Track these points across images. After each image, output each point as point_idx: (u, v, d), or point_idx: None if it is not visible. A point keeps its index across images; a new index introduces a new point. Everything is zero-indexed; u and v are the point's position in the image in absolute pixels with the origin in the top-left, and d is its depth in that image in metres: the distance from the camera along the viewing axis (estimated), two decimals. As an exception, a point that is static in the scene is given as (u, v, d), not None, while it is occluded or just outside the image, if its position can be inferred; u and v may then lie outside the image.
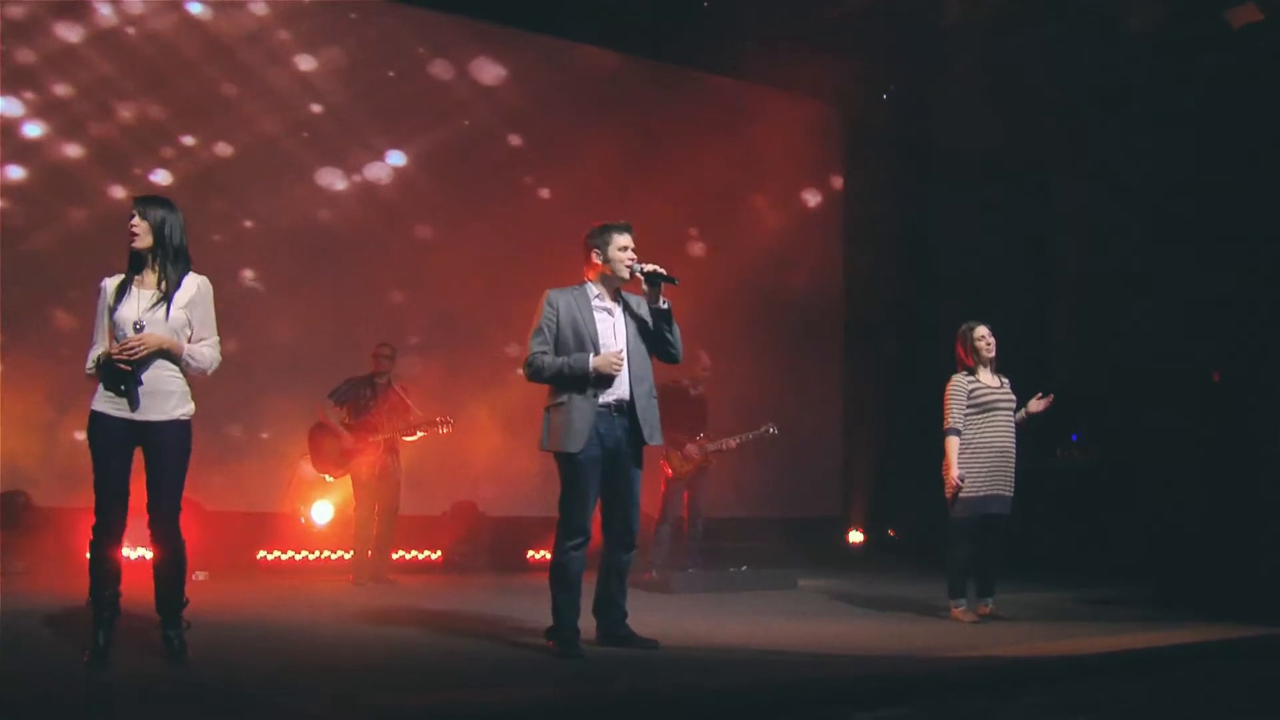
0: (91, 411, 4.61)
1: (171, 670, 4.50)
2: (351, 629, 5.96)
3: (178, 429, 4.68)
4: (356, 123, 10.35)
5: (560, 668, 4.93)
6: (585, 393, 5.22)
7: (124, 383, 4.56)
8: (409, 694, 4.29)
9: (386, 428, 8.26)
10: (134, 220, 4.72)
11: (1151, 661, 5.54)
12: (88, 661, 4.47)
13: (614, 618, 5.47)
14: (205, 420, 8.96)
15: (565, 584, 5.25)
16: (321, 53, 10.20)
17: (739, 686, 4.61)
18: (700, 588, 8.27)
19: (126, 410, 4.57)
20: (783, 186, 12.15)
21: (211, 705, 4.05)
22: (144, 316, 4.61)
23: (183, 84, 9.58)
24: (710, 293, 11.74)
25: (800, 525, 11.89)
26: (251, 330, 9.69)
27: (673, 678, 4.76)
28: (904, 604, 7.63)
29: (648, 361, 5.46)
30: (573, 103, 11.25)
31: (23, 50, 9.03)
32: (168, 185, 9.50)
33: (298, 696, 4.17)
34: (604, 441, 5.26)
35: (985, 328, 6.92)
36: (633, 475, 5.41)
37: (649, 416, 5.38)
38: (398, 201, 10.51)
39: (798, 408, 11.82)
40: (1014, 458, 6.80)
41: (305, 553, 9.25)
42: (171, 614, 4.69)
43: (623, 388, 5.31)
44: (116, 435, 4.57)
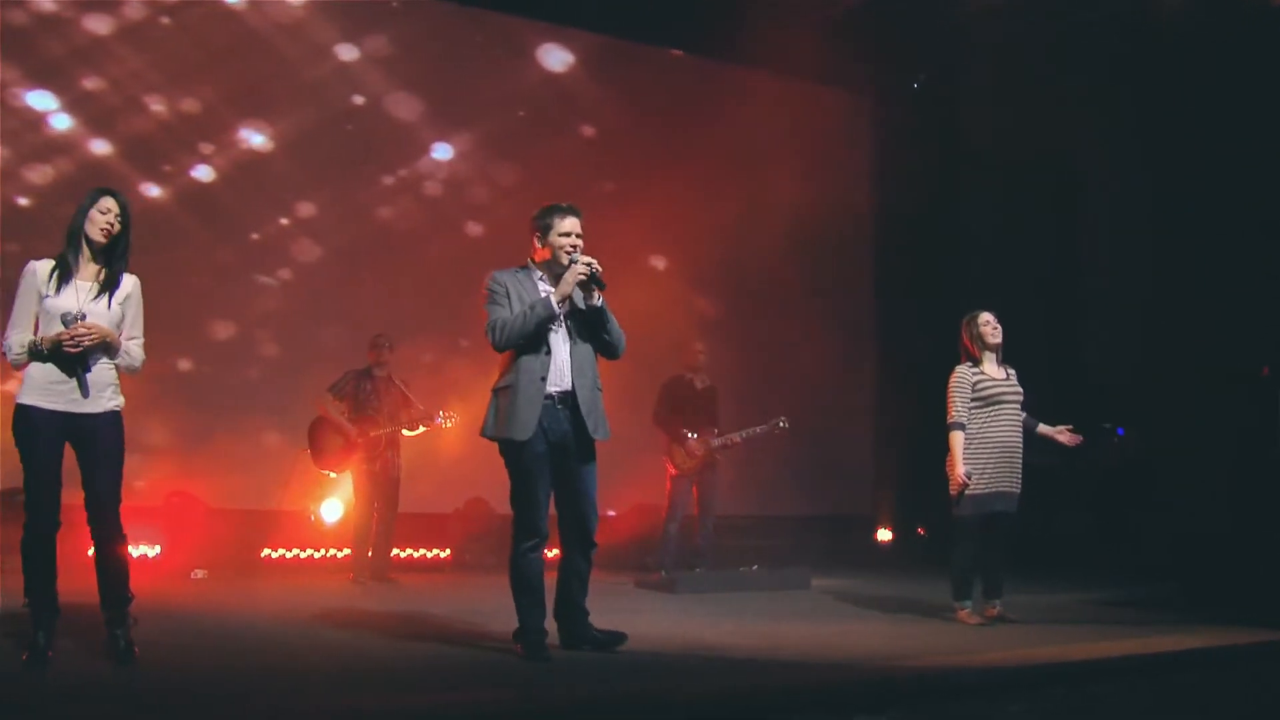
0: (20, 405, 4.43)
1: (113, 671, 4.36)
2: (324, 629, 5.79)
3: (113, 420, 4.56)
4: (400, 115, 10.30)
5: (524, 671, 4.74)
6: (533, 378, 5.02)
7: (73, 370, 4.43)
8: (355, 697, 4.11)
9: (387, 422, 8.12)
10: (112, 215, 4.60)
11: (1151, 667, 5.23)
12: (25, 661, 4.34)
13: (574, 618, 5.27)
14: (211, 417, 9.17)
15: (525, 587, 5.07)
16: (365, 43, 10.15)
17: (708, 692, 4.38)
18: (707, 588, 8.03)
19: (60, 403, 4.43)
20: (811, 179, 11.84)
21: (133, 708, 3.90)
22: (86, 307, 4.49)
23: (219, 76, 9.56)
24: (738, 287, 11.65)
25: (828, 523, 11.69)
26: (264, 326, 9.67)
27: (637, 682, 4.55)
28: (913, 605, 7.35)
29: (593, 354, 5.24)
30: (599, 95, 11.14)
31: (53, 43, 9.02)
32: (210, 181, 9.54)
33: (233, 700, 4.01)
34: (548, 435, 5.05)
35: (990, 314, 6.63)
36: (584, 471, 5.18)
37: (593, 409, 5.15)
38: (443, 198, 10.45)
39: (829, 404, 11.69)
40: (1021, 453, 6.51)
41: (310, 551, 9.14)
42: (117, 612, 4.55)
43: (565, 379, 5.10)
44: (49, 429, 4.43)
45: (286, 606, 6.56)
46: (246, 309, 9.70)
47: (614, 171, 10.95)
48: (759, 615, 6.77)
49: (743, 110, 11.51)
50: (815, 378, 11.67)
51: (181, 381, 9.30)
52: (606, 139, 11.16)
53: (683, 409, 8.65)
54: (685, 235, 11.15)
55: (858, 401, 12.47)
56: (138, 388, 8.65)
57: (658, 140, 11.16)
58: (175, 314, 9.26)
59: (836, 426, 11.92)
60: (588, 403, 5.11)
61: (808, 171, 11.57)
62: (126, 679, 4.27)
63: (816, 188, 11.66)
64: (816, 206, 11.66)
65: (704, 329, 10.68)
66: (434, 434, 8.38)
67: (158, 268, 9.06)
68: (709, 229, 11.05)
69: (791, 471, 11.22)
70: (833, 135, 12.24)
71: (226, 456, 9.07)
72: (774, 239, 11.51)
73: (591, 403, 5.13)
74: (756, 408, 9.37)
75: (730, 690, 4.40)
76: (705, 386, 8.87)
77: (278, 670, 4.63)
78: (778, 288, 11.72)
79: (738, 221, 11.30)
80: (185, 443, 9.11)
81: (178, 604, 6.44)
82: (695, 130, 11.25)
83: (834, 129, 12.33)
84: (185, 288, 9.35)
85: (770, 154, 11.51)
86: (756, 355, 11.51)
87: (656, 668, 4.89)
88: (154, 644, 4.83)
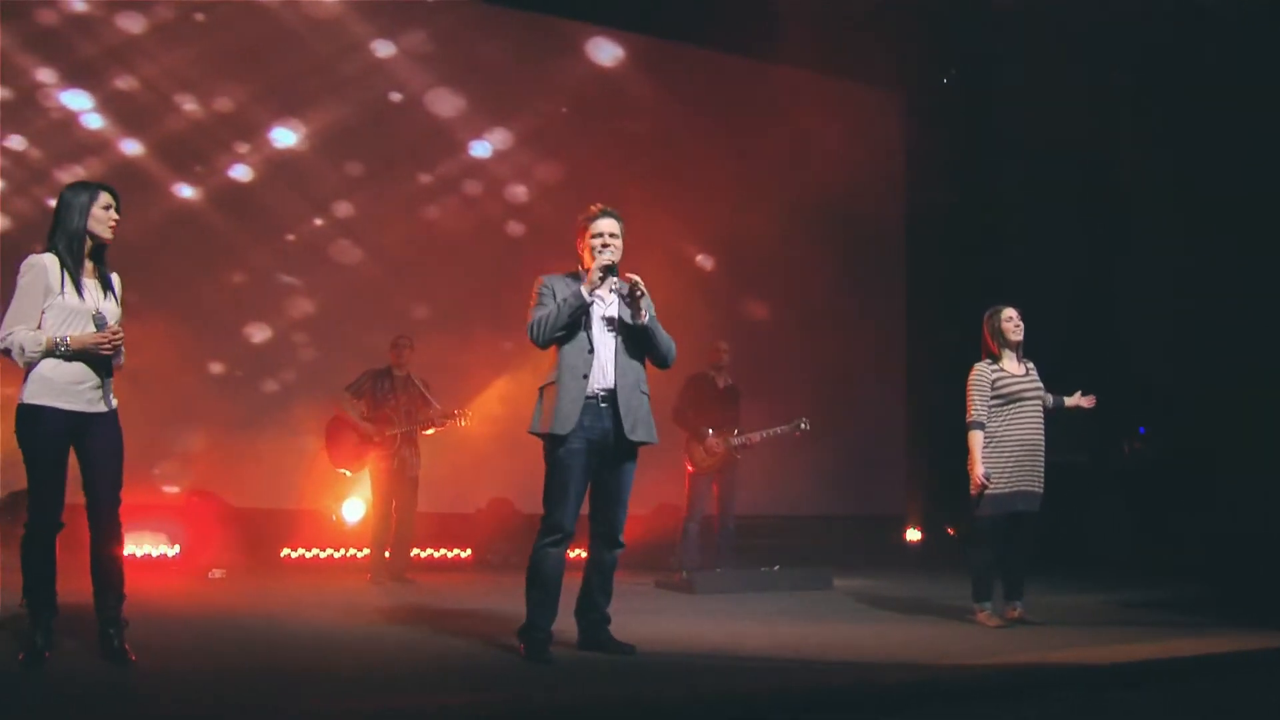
0: (28, 405, 4.36)
1: (108, 671, 4.33)
2: (330, 629, 5.75)
3: (114, 420, 4.56)
4: (438, 112, 10.30)
5: (523, 672, 4.67)
6: (576, 375, 5.03)
7: (100, 372, 4.44)
8: (343, 699, 4.06)
9: (405, 421, 8.09)
10: (113, 210, 4.58)
11: (1169, 672, 5.07)
12: (22, 661, 4.32)
13: (592, 619, 5.23)
14: (243, 420, 9.18)
15: (538, 582, 5.03)
16: (401, 40, 10.16)
17: (700, 696, 4.29)
18: (726, 588, 7.94)
19: (78, 404, 4.41)
20: (843, 175, 11.72)
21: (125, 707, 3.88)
22: (102, 308, 4.49)
23: (253, 74, 9.59)
24: (769, 283, 11.57)
25: (858, 523, 11.60)
26: (302, 329, 9.66)
27: (632, 686, 4.46)
28: (933, 606, 7.23)
29: (639, 358, 5.21)
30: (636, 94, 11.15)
31: (86, 42, 9.08)
32: (244, 181, 9.57)
33: (222, 700, 3.98)
34: (588, 433, 5.02)
35: (1013, 309, 6.50)
36: (620, 472, 5.16)
37: (633, 409, 5.10)
38: (483, 197, 10.45)
39: (860, 402, 11.62)
40: (1043, 451, 6.36)
41: (330, 550, 9.12)
42: (111, 611, 4.52)
43: (608, 377, 5.09)
44: (59, 430, 4.39)
45: (298, 606, 6.53)
46: (282, 311, 9.70)
47: (647, 169, 10.86)
48: (775, 616, 6.68)
49: (774, 107, 11.47)
50: (846, 375, 11.61)
51: (214, 384, 9.35)
52: (643, 137, 11.11)
53: (704, 407, 8.55)
54: (718, 232, 11.12)
55: (889, 399, 12.36)
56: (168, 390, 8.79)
57: (692, 138, 11.15)
58: (209, 317, 9.33)
59: (867, 425, 11.82)
60: (628, 403, 5.08)
61: (839, 168, 11.46)
62: (122, 679, 4.24)
63: (848, 184, 11.56)
64: (848, 202, 11.58)
65: (734, 325, 10.64)
66: (459, 434, 8.35)
67: (190, 270, 9.27)
68: (741, 226, 11.05)
69: (822, 471, 11.13)
70: (864, 131, 12.13)
71: (254, 458, 9.09)
72: (805, 235, 11.46)
73: (632, 404, 5.10)
74: (787, 405, 9.22)
75: (727, 693, 4.31)
76: (727, 385, 8.77)
77: (274, 671, 4.58)
78: (809, 284, 11.64)
79: (768, 218, 11.23)
80: (213, 444, 9.15)
81: (190, 604, 6.44)
82: (727, 128, 11.26)
83: (865, 124, 12.22)
84: (219, 290, 9.40)
85: (801, 150, 11.43)
86: (787, 352, 11.45)
87: (660, 669, 4.82)
88: (158, 644, 4.82)
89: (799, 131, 11.38)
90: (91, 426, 4.46)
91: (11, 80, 8.92)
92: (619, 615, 5.39)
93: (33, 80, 8.99)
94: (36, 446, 4.38)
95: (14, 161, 8.94)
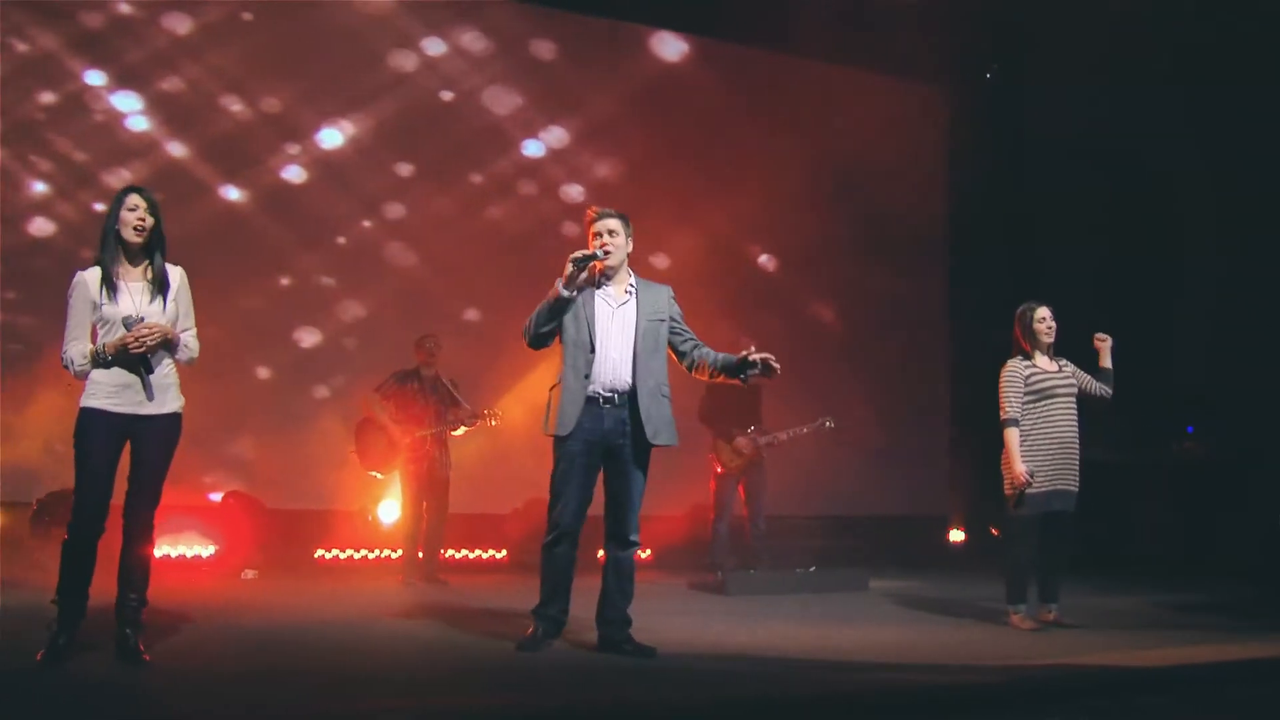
0: (84, 409, 4.46)
1: (123, 671, 4.33)
2: (351, 630, 5.72)
3: (172, 422, 4.61)
4: (491, 111, 10.30)
5: (532, 674, 4.64)
6: (578, 375, 5.08)
7: (138, 371, 4.47)
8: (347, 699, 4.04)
9: (434, 422, 8.07)
10: (141, 210, 4.59)
11: (1205, 678, 4.91)
12: (40, 660, 4.34)
13: (611, 621, 5.18)
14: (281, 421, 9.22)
15: (544, 577, 5.16)
16: (451, 38, 10.17)
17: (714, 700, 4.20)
18: (758, 589, 7.84)
19: (126, 405, 4.47)
20: (884, 172, 11.58)
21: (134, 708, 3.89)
22: (144, 310, 4.52)
23: (301, 74, 9.61)
24: (811, 280, 11.46)
25: (901, 524, 11.45)
26: (351, 333, 9.68)
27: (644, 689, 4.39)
28: (968, 608, 7.09)
29: (658, 360, 5.20)
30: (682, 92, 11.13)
31: (132, 44, 9.14)
32: (292, 182, 9.61)
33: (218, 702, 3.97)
34: (588, 435, 5.05)
35: (1047, 309, 6.37)
36: (628, 472, 5.14)
37: (654, 414, 5.10)
38: (537, 197, 10.45)
39: (903, 400, 11.49)
40: (1077, 448, 6.22)
41: (364, 551, 9.13)
42: (131, 612, 4.53)
43: (621, 378, 5.09)
44: (111, 432, 4.46)
45: (324, 608, 6.53)
46: (331, 315, 9.72)
47: (695, 167, 10.83)
48: (805, 618, 6.59)
49: (817, 104, 11.40)
50: (889, 373, 11.54)
51: (261, 389, 9.41)
52: (696, 136, 11.02)
53: (728, 406, 8.46)
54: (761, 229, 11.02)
55: (932, 398, 12.19)
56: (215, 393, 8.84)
57: (735, 136, 11.06)
58: (257, 321, 9.36)
59: (911, 424, 11.68)
60: (648, 408, 5.08)
61: (880, 163, 11.31)
62: (130, 679, 4.24)
63: (889, 180, 11.42)
64: (889, 198, 11.45)
65: (774, 322, 10.54)
66: (492, 434, 8.35)
67: (238, 273, 9.31)
68: (784, 221, 11.00)
69: (865, 470, 11.06)
70: (907, 127, 11.93)
71: (297, 461, 9.13)
72: (847, 232, 11.38)
73: (652, 408, 5.09)
74: (828, 402, 9.15)
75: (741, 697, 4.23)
76: (750, 384, 8.63)
77: (284, 672, 4.55)
78: (851, 281, 11.57)
79: (809, 214, 11.16)
80: (259, 448, 9.24)
81: (217, 604, 6.44)
82: (771, 125, 11.17)
83: (908, 121, 12.03)
84: (267, 294, 9.43)
85: (842, 146, 11.30)
86: (829, 350, 11.34)
87: (675, 672, 4.74)
88: (176, 644, 4.88)
89: (840, 128, 11.30)
90: (142, 428, 4.52)
91: (57, 84, 9.01)
92: (647, 615, 5.38)
93: (79, 84, 9.06)
94: (85, 448, 4.47)
95: (60, 166, 9.04)
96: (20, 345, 8.54)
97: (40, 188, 9.04)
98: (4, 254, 8.88)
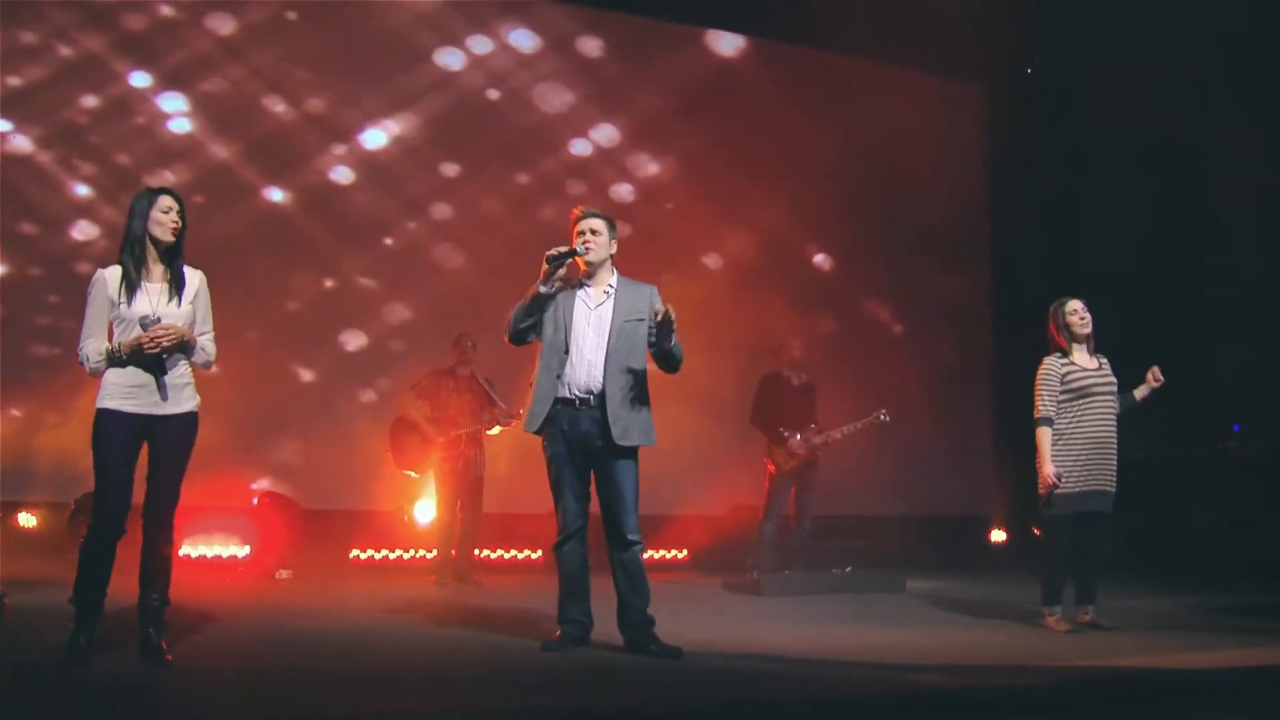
0: (101, 410, 4.48)
1: (146, 671, 4.35)
2: (379, 630, 5.72)
3: (189, 422, 4.62)
4: (539, 110, 10.32)
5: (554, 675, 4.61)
6: (550, 376, 5.13)
7: (153, 372, 4.49)
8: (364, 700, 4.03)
9: (469, 421, 8.07)
10: (174, 213, 4.61)
11: (1244, 683, 4.77)
12: (64, 660, 4.36)
13: (629, 621, 5.15)
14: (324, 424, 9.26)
15: (560, 579, 5.20)
16: (498, 37, 10.17)
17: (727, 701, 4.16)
18: (794, 590, 7.77)
19: (142, 406, 4.49)
20: (926, 170, 11.47)
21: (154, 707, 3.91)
22: (161, 311, 4.53)
23: (346, 73, 9.65)
24: (853, 279, 11.37)
25: (943, 524, 11.34)
26: (399, 336, 9.72)
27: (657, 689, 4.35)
28: (1004, 610, 6.97)
29: (633, 361, 5.16)
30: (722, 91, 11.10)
31: (175, 47, 9.21)
32: (348, 183, 9.65)
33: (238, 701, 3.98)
34: (569, 436, 5.09)
35: (1079, 302, 6.25)
36: (615, 472, 5.13)
37: (623, 415, 5.07)
38: (586, 197, 10.39)
39: (947, 401, 11.37)
40: (1115, 448, 6.09)
41: (400, 551, 9.15)
42: (153, 612, 4.55)
43: (595, 381, 5.08)
44: (128, 433, 4.48)
45: (355, 608, 6.52)
46: (376, 317, 9.73)
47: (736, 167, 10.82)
48: (836, 619, 6.52)
49: (858, 102, 11.30)
50: (931, 373, 11.44)
51: (305, 392, 9.46)
52: (736, 133, 10.98)
53: (781, 406, 8.39)
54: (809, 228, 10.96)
55: (975, 397, 12.04)
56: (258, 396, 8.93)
57: (781, 133, 11.00)
58: (302, 323, 9.41)
59: (953, 424, 11.56)
60: (616, 409, 5.05)
61: (922, 161, 11.21)
62: (150, 679, 4.25)
63: (931, 177, 11.31)
64: (932, 197, 11.34)
65: (818, 320, 10.48)
66: (528, 434, 8.27)
67: (282, 274, 9.37)
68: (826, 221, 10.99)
69: (906, 471, 10.98)
70: (948, 124, 11.82)
71: (335, 461, 9.19)
72: (889, 231, 11.31)
73: (621, 408, 5.07)
74: (871, 403, 9.02)
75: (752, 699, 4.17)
76: (802, 383, 8.59)
77: (305, 672, 4.54)
78: (894, 279, 11.48)
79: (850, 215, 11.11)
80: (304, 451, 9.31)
81: (248, 604, 6.47)
82: (816, 122, 11.10)
83: (949, 118, 11.90)
84: (311, 296, 9.47)
85: (884, 144, 11.20)
86: (871, 349, 11.26)
87: (689, 672, 4.70)
88: (202, 643, 4.90)
89: (881, 125, 11.16)
90: (158, 428, 4.53)
91: (100, 87, 9.10)
92: (678, 616, 5.39)
93: (123, 86, 9.15)
94: (102, 449, 4.48)
95: (103, 169, 9.14)
96: (61, 349, 8.65)
97: (83, 191, 9.16)
98: (47, 258, 9.03)
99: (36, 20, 8.89)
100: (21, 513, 8.86)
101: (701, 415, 9.47)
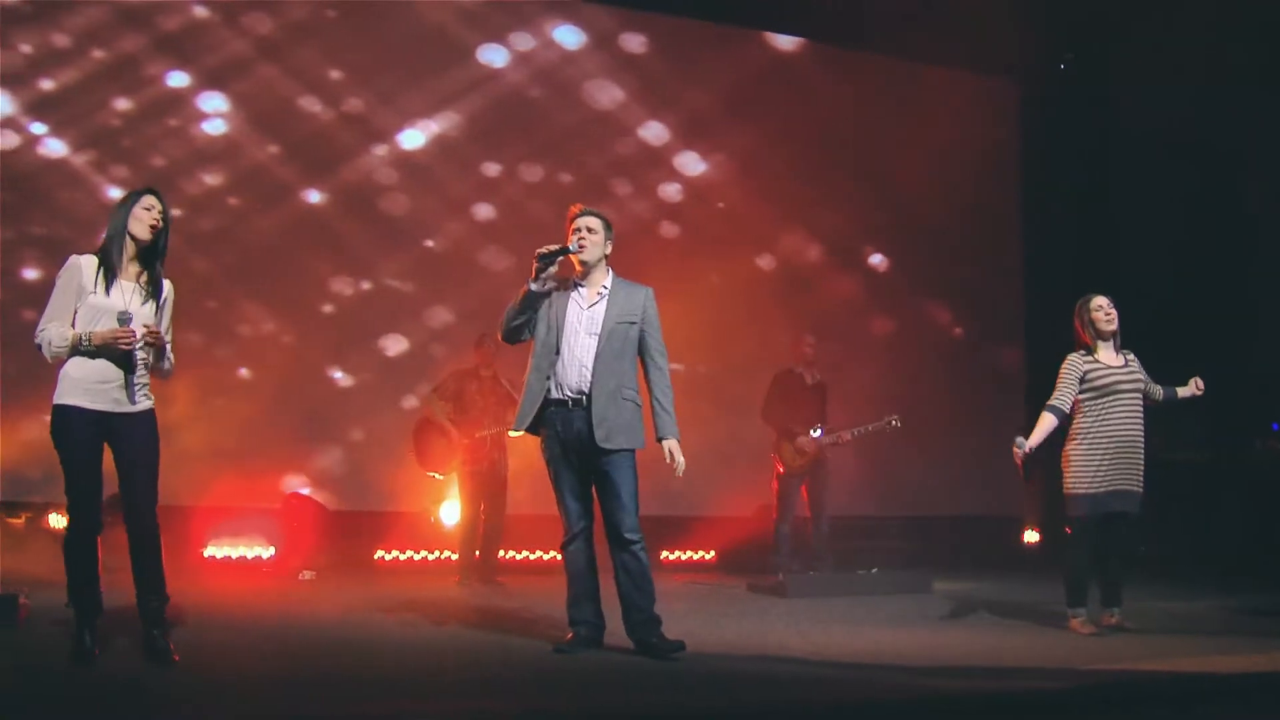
0: (59, 406, 4.42)
1: (153, 672, 4.34)
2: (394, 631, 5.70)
3: (149, 419, 4.58)
4: (585, 108, 10.24)
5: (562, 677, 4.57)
6: (540, 376, 5.14)
7: (123, 367, 4.45)
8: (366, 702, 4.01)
9: (492, 423, 8.06)
10: (155, 212, 4.59)
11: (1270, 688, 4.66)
12: (70, 661, 4.38)
13: (635, 622, 5.10)
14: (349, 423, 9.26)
15: (568, 579, 5.20)
16: (541, 34, 10.09)
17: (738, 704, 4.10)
18: (818, 591, 7.69)
19: (103, 403, 4.44)
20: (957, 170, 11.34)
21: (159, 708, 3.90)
22: (133, 309, 4.49)
23: (386, 72, 9.55)
24: (882, 277, 11.28)
25: (976, 524, 11.17)
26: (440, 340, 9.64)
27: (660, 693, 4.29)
28: (1030, 612, 6.88)
29: (623, 363, 5.14)
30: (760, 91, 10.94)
31: (212, 50, 9.14)
32: (388, 184, 9.56)
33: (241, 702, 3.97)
34: (563, 436, 5.08)
35: (1104, 298, 6.14)
36: (609, 472, 5.08)
37: (607, 417, 5.03)
38: (633, 195, 10.36)
39: (979, 400, 11.26)
40: (1142, 447, 5.98)
41: (424, 553, 9.15)
42: (154, 612, 4.54)
43: (584, 381, 5.07)
44: (90, 430, 4.42)
45: (375, 609, 6.49)
46: (418, 321, 9.64)
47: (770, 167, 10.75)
48: (859, 620, 6.43)
49: (889, 100, 11.27)
50: (964, 372, 11.37)
51: (344, 396, 9.40)
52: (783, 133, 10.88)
53: (792, 404, 8.33)
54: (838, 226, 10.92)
55: (1007, 396, 11.87)
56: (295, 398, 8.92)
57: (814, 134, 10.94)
58: (341, 327, 9.37)
59: (985, 423, 11.36)
60: (600, 411, 5.03)
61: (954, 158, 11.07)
62: (155, 680, 4.25)
63: (963, 174, 11.17)
64: (963, 193, 11.21)
65: (845, 318, 10.39)
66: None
67: (320, 277, 9.31)
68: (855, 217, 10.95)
69: (939, 470, 10.86)
70: (981, 121, 11.66)
71: (371, 465, 9.18)
72: (919, 228, 11.20)
73: (608, 412, 5.04)
74: (902, 401, 8.95)
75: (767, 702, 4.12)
76: (815, 382, 8.53)
77: (317, 673, 4.55)
78: (924, 277, 11.37)
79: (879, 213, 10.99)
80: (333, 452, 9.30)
81: (268, 605, 6.48)
82: (844, 121, 11.07)
83: (982, 114, 11.75)
84: (349, 299, 9.41)
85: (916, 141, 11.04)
86: (901, 348, 11.15)
87: (702, 674, 4.65)
88: (215, 644, 4.90)
89: (914, 123, 11.05)
90: (121, 426, 4.48)
91: (134, 89, 9.04)
92: (701, 617, 5.46)
93: (158, 88, 9.06)
94: (67, 446, 4.44)
95: (136, 172, 9.14)
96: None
97: (116, 194, 9.16)
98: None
99: (70, 21, 8.88)
100: (52, 514, 8.92)
101: (730, 415, 9.42)
